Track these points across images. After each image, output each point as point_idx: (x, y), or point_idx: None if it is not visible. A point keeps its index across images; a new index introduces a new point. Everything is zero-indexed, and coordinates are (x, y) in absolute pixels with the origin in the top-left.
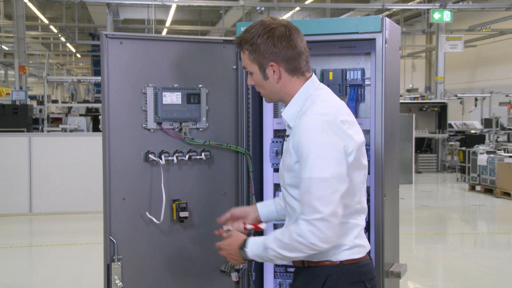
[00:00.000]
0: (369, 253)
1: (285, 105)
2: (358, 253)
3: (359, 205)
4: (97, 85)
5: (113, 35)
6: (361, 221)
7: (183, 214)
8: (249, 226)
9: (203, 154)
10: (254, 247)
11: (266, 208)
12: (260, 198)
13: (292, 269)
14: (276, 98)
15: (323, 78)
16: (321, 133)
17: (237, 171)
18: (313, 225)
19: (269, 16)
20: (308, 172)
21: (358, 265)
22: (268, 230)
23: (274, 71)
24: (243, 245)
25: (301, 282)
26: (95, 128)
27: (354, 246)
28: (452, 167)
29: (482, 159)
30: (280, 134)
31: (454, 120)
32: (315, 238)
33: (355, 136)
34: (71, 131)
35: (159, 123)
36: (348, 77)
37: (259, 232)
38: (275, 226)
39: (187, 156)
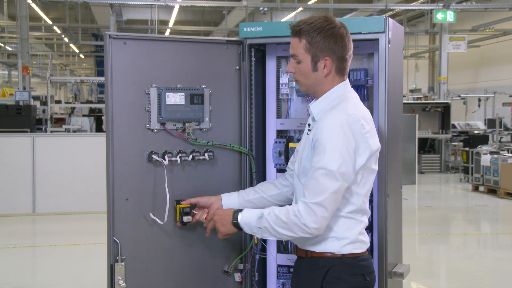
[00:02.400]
0: (368, 250)
1: (315, 99)
2: (359, 248)
3: (364, 205)
4: (100, 85)
5: (117, 35)
6: (365, 219)
7: (186, 219)
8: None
9: (206, 154)
10: (248, 214)
11: (229, 199)
12: None
13: None
14: (313, 90)
15: None
16: (340, 130)
17: (240, 172)
18: (310, 207)
19: (327, 14)
20: (321, 162)
21: (359, 259)
22: None
23: (325, 66)
24: (238, 210)
25: (304, 271)
26: (98, 129)
27: (357, 241)
28: (455, 167)
29: (485, 160)
30: (283, 135)
31: (457, 120)
32: (309, 220)
33: (371, 142)
34: (74, 131)
35: (163, 124)
36: (351, 78)
37: None
38: None
39: (190, 157)
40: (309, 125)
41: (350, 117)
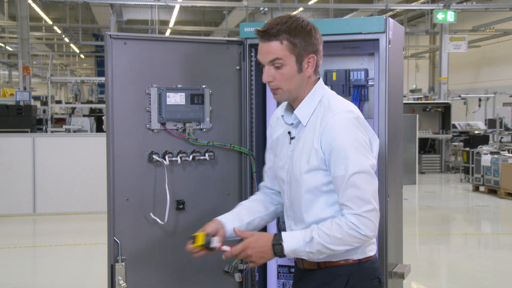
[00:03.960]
0: None
1: (290, 103)
2: (372, 250)
3: None
4: (101, 85)
5: (117, 35)
6: None
7: (215, 243)
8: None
9: (206, 154)
10: (293, 242)
11: (233, 224)
12: None
13: None
14: (296, 94)
15: (326, 79)
16: (353, 128)
17: (240, 172)
18: (365, 217)
19: (289, 14)
20: (351, 167)
21: (373, 262)
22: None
23: (308, 64)
24: (277, 240)
25: (318, 283)
26: (99, 129)
27: (370, 243)
28: (456, 167)
29: (486, 160)
30: None
31: (458, 120)
32: (368, 230)
33: (375, 135)
34: (74, 131)
35: (163, 124)
36: (351, 78)
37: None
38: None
39: (191, 157)
40: (289, 133)
41: (352, 114)
